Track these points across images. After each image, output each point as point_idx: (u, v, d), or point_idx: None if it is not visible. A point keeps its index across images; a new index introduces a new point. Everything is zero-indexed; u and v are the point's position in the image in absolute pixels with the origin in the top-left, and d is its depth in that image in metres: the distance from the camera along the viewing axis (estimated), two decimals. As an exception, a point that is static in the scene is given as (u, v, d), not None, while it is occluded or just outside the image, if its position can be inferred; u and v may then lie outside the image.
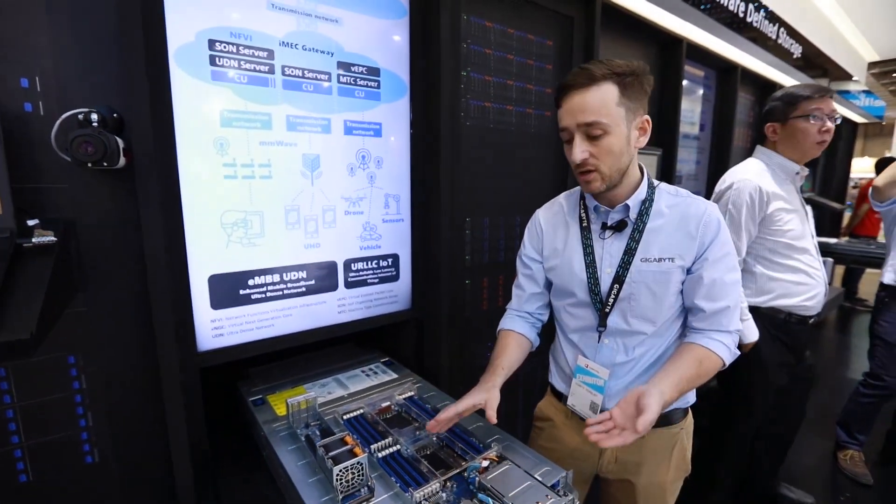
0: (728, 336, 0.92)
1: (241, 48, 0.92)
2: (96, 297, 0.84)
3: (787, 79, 2.86)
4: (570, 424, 1.06)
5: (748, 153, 2.82)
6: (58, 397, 0.81)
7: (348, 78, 1.08)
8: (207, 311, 0.96)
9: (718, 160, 2.50)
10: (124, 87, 0.80)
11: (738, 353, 0.93)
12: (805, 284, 1.50)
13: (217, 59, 0.90)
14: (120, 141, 0.76)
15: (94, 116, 0.75)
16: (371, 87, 1.13)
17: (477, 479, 0.74)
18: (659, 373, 0.86)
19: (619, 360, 0.96)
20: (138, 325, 0.87)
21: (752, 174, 1.49)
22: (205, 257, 0.94)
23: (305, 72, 1.01)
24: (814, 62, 3.40)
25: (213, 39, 0.89)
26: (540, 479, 0.75)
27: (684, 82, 2.25)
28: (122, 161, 0.77)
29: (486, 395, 0.86)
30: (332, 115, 1.07)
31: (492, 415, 0.84)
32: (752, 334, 1.48)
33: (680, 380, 0.84)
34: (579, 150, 0.85)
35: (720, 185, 1.55)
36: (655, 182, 0.97)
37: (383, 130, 1.17)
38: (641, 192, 0.93)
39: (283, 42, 0.98)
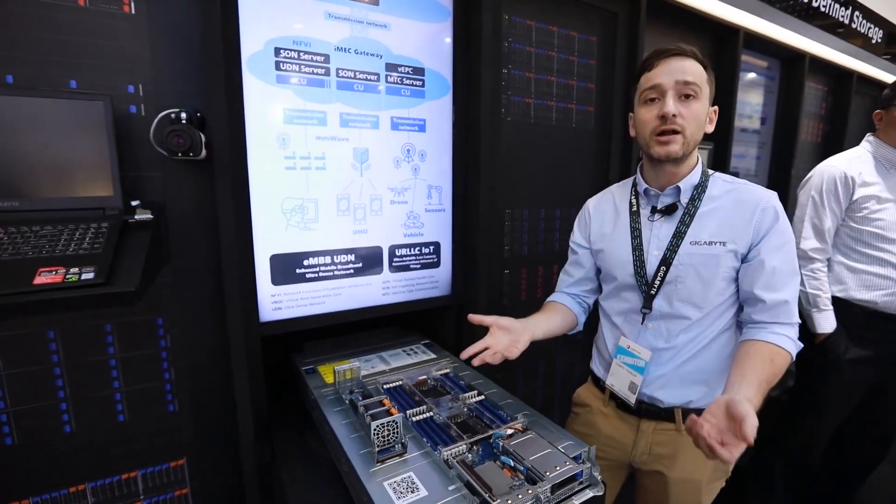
0: (791, 328, 0.89)
1: (301, 54, 1.04)
2: (179, 270, 0.98)
3: (866, 67, 2.63)
4: (607, 412, 1.09)
5: (817, 148, 2.65)
6: (149, 353, 0.97)
7: (395, 78, 1.18)
8: (268, 287, 1.09)
9: (781, 156, 2.35)
10: (206, 91, 0.93)
11: (802, 344, 0.90)
12: (891, 279, 1.40)
13: (281, 64, 1.02)
14: (202, 136, 0.90)
15: (183, 115, 0.89)
16: (416, 85, 1.21)
17: (501, 444, 0.79)
18: (734, 378, 0.79)
19: (660, 345, 0.97)
20: (212, 295, 1.01)
21: (840, 160, 1.47)
22: (267, 239, 1.07)
23: (357, 73, 1.12)
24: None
25: (278, 47, 1.01)
26: (562, 449, 0.79)
27: (750, 75, 2.15)
28: (204, 153, 0.91)
29: (500, 317, 0.97)
30: (381, 112, 1.17)
31: (476, 318, 0.97)
32: (826, 325, 1.41)
33: (760, 383, 0.78)
34: (672, 104, 0.88)
35: (809, 173, 1.56)
36: (710, 171, 1.00)
37: (427, 126, 1.25)
38: (694, 176, 0.96)
39: (338, 47, 1.09)
